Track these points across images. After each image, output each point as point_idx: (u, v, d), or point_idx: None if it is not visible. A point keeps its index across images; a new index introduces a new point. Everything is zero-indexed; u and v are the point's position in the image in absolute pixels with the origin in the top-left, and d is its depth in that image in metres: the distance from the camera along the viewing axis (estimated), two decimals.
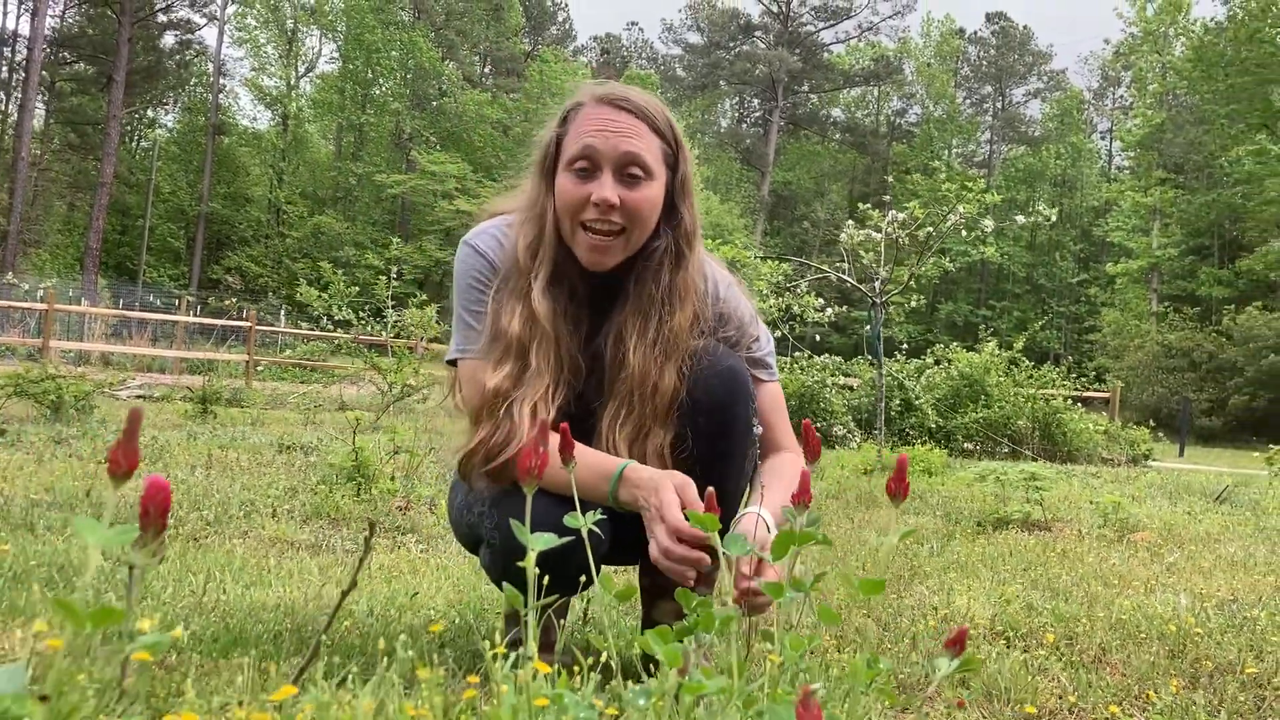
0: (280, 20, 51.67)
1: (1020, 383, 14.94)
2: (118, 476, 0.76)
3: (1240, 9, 36.21)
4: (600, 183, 1.84)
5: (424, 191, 47.52)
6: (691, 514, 1.24)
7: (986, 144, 59.85)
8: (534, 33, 61.29)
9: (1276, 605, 3.25)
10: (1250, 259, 35.50)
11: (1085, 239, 52.61)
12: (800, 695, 0.83)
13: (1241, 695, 2.10)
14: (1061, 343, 48.15)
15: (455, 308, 1.99)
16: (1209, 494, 8.50)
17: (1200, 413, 27.46)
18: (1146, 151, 40.72)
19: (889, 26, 60.31)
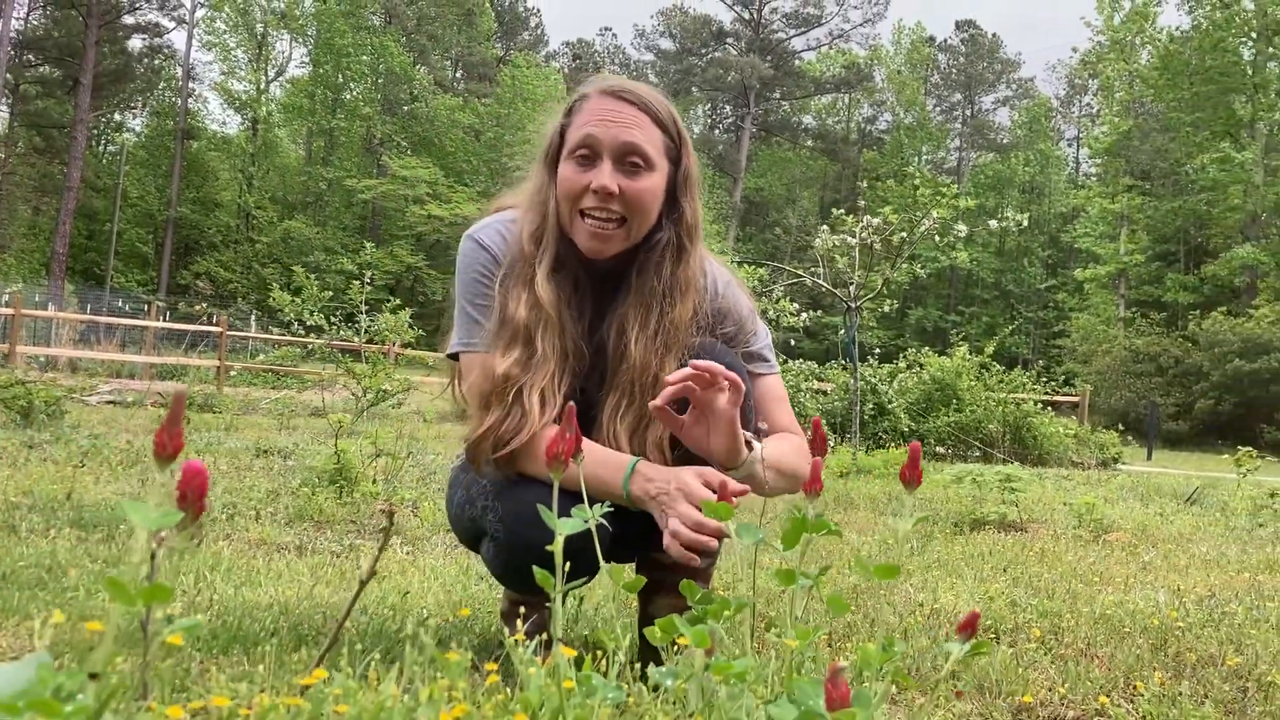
0: (250, 24, 51.39)
1: (991, 387, 15.04)
2: (163, 459, 0.77)
3: (1205, 19, 36.71)
4: (599, 170, 1.86)
5: (395, 197, 47.38)
6: (705, 503, 1.25)
7: (956, 151, 60.33)
8: (506, 38, 61.25)
9: (1253, 601, 3.31)
10: (1215, 265, 35.97)
11: (1053, 245, 53.13)
12: (829, 673, 0.85)
13: (1225, 686, 2.14)
14: (1030, 348, 48.60)
15: (457, 301, 1.99)
16: (1179, 496, 8.61)
17: (1167, 417, 27.76)
18: (1114, 158, 41.19)
19: (859, 34, 60.66)
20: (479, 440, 1.84)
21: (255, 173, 50.36)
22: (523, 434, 1.81)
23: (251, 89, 51.51)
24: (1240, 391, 27.72)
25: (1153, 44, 38.61)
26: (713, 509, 1.22)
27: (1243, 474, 8.17)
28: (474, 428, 1.87)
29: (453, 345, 2.00)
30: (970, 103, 60.37)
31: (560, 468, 1.27)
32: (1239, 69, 36.10)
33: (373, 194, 47.81)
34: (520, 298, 1.91)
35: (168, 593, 0.73)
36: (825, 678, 0.85)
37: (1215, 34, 35.95)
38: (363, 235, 48.61)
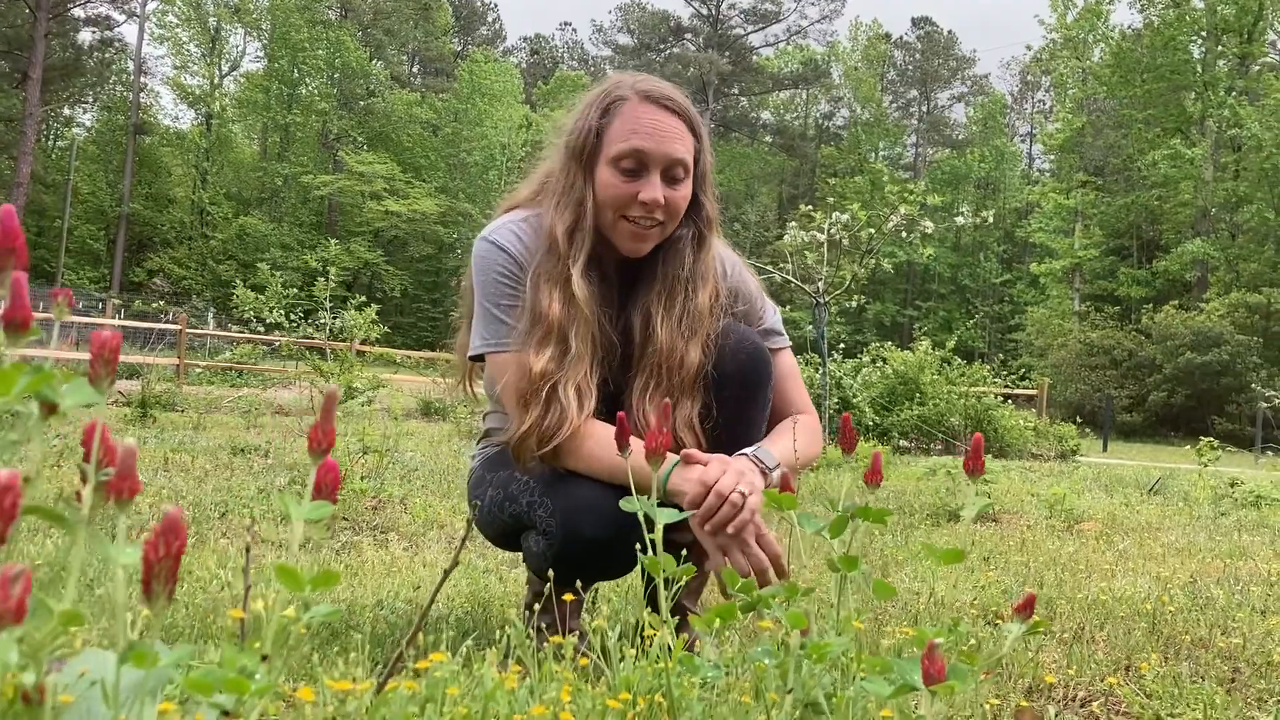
0: (203, 18, 50.72)
1: (953, 381, 15.23)
2: (317, 453, 0.82)
3: (1156, 17, 37.34)
4: (650, 184, 1.93)
5: (352, 192, 47.06)
6: (769, 493, 1.31)
7: (913, 147, 60.92)
8: (463, 33, 61.01)
9: (1232, 586, 3.43)
10: (1166, 259, 36.61)
11: (1008, 240, 53.81)
12: (926, 648, 0.91)
13: (1223, 665, 2.24)
14: (986, 341, 49.19)
15: (478, 303, 2.02)
16: (1141, 486, 8.81)
17: (1121, 409, 28.23)
18: (1068, 154, 41.80)
19: (817, 30, 61.23)
20: (523, 438, 1.89)
21: (209, 168, 49.78)
22: (564, 429, 1.87)
23: (205, 83, 50.86)
24: (1192, 384, 28.24)
25: (1105, 41, 39.19)
26: (775, 499, 1.28)
27: (1204, 464, 8.37)
28: (515, 426, 1.92)
29: (476, 346, 2.03)
30: (926, 99, 60.98)
31: (659, 460, 1.34)
32: (1189, 67, 36.76)
33: (329, 190, 47.45)
34: (553, 295, 1.96)
35: (335, 578, 0.77)
36: (923, 653, 0.91)
37: (1166, 32, 36.57)
38: (319, 231, 48.24)
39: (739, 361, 2.01)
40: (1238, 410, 26.98)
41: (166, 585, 0.61)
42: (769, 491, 1.29)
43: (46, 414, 0.83)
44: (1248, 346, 28.19)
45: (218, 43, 51.31)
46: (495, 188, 49.48)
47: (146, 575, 0.61)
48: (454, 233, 48.74)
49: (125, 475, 0.67)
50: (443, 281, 50.65)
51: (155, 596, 0.61)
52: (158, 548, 0.61)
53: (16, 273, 0.79)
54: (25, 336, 0.78)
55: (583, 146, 2.01)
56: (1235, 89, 35.67)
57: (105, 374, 0.74)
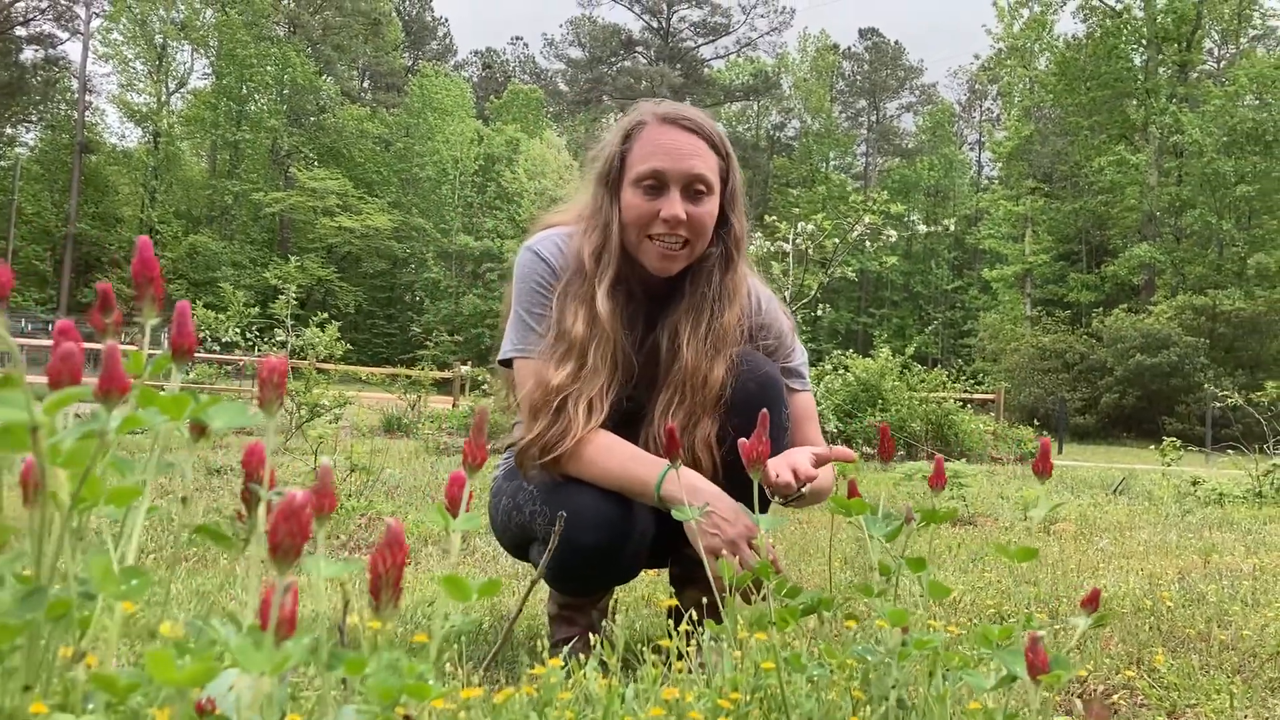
0: (148, 35, 50.07)
1: (913, 387, 15.41)
2: (473, 467, 0.85)
3: (1098, 26, 38.09)
4: (670, 200, 1.98)
5: (304, 209, 46.68)
6: (837, 499, 1.35)
7: (863, 156, 61.54)
8: (414, 47, 60.82)
9: (1218, 581, 3.53)
10: (1115, 264, 37.25)
11: (959, 247, 54.49)
12: (1029, 641, 0.96)
13: (1232, 656, 2.32)
14: (940, 347, 49.75)
15: (514, 309, 2.08)
16: (1105, 487, 8.97)
17: (1075, 411, 28.65)
18: (1016, 162, 42.47)
19: (766, 42, 61.61)
20: (526, 447, 1.94)
21: (158, 187, 49.13)
22: (566, 441, 1.91)
23: (152, 101, 50.20)
24: (1142, 385, 28.75)
25: (1050, 50, 39.92)
26: (843, 504, 1.32)
27: (1167, 463, 8.56)
28: (523, 435, 1.96)
29: (506, 351, 2.08)
30: (875, 109, 61.67)
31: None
32: (1131, 75, 37.51)
33: (281, 207, 47.03)
34: (578, 313, 2.00)
35: (497, 586, 0.81)
36: (1026, 645, 0.96)
37: (1108, 41, 37.30)
38: (271, 249, 47.83)
39: (747, 390, 2.04)
40: (1187, 410, 27.50)
41: (393, 594, 0.65)
42: (837, 497, 1.34)
43: (197, 436, 0.86)
44: (1195, 348, 28.75)
45: (164, 60, 50.65)
46: (449, 202, 49.34)
47: (374, 585, 0.64)
48: (408, 248, 48.53)
49: (324, 492, 0.71)
50: (397, 297, 50.37)
51: (384, 605, 0.64)
52: (384, 559, 0.64)
53: (182, 302, 0.82)
54: (190, 361, 0.81)
55: (608, 172, 2.08)
56: (1176, 96, 36.45)
57: (275, 397, 0.77)
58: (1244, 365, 29.71)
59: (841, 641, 1.19)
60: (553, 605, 2.21)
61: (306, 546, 0.73)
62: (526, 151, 47.01)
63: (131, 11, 48.43)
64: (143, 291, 0.87)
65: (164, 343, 4.87)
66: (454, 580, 0.79)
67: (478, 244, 46.83)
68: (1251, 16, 39.54)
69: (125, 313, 0.88)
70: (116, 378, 0.69)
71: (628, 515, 1.94)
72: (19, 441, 0.60)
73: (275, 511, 0.62)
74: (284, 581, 0.59)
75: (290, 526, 0.62)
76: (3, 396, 0.59)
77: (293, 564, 0.64)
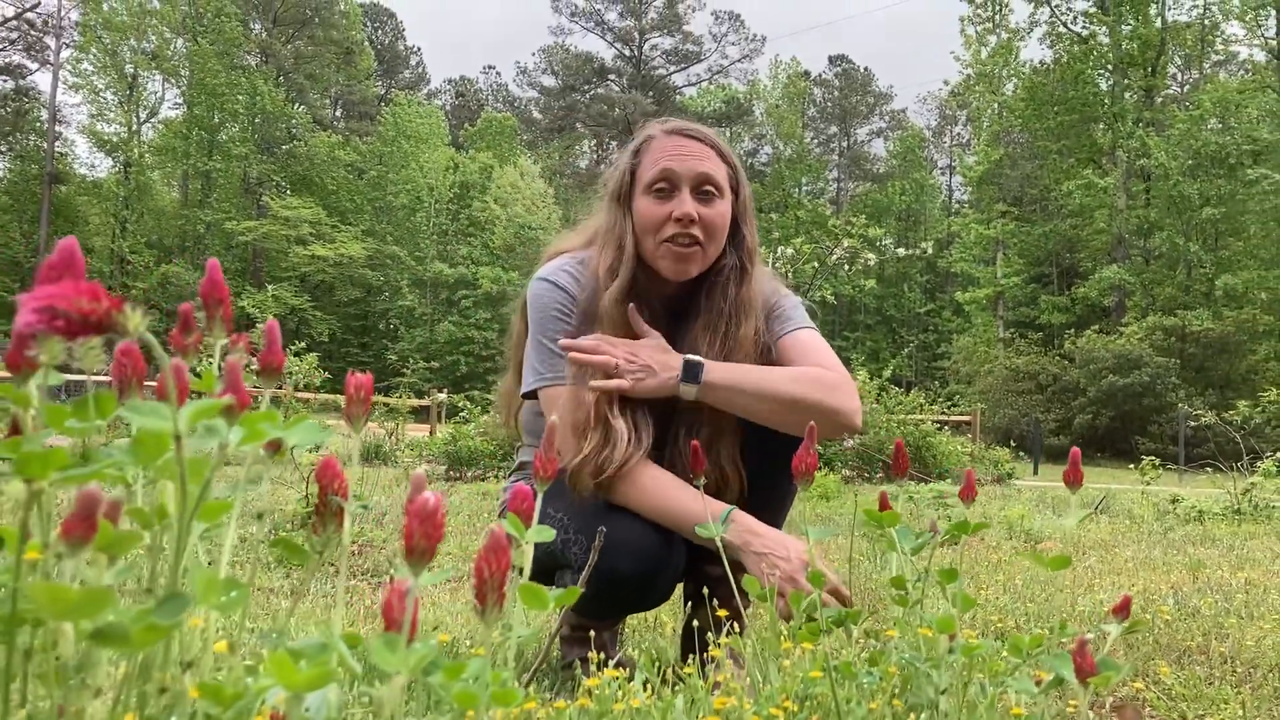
0: (119, 65, 49.87)
1: (891, 410, 15.50)
2: (544, 479, 0.87)
3: (1065, 52, 38.66)
4: (680, 199, 2.01)
5: (277, 237, 46.50)
6: (870, 513, 1.38)
7: (835, 182, 62.00)
8: (386, 75, 60.91)
9: (1210, 595, 3.58)
10: (1085, 286, 37.65)
11: (931, 270, 54.91)
12: (1076, 644, 0.99)
13: (1235, 667, 2.36)
14: (914, 370, 50.03)
15: (533, 338, 2.08)
16: (1085, 506, 9.05)
17: (1049, 432, 28.85)
18: (987, 186, 42.92)
19: (738, 69, 62.05)
20: (579, 468, 1.93)
21: (129, 216, 48.81)
22: (616, 461, 1.92)
23: (122, 131, 49.95)
24: (1115, 405, 29.01)
25: (1018, 76, 40.46)
26: (876, 517, 1.35)
27: (1146, 482, 8.66)
28: (570, 457, 1.96)
29: (530, 382, 2.08)
30: (846, 135, 62.20)
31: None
32: (1098, 99, 38.05)
33: (254, 236, 46.84)
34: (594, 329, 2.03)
35: (574, 594, 0.83)
36: (1073, 649, 0.99)
37: (1075, 66, 37.85)
38: (244, 278, 47.57)
39: None
40: (1160, 430, 27.76)
41: (498, 599, 0.66)
42: (869, 511, 1.36)
43: (274, 452, 0.88)
44: (1166, 368, 29.06)
45: (135, 90, 50.45)
46: (423, 230, 49.31)
47: (480, 590, 0.66)
48: (381, 275, 48.41)
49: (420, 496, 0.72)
50: (371, 325, 50.21)
51: (489, 610, 0.66)
52: (490, 563, 0.66)
53: (271, 321, 0.84)
54: (278, 379, 0.82)
55: (620, 188, 2.11)
56: (1142, 120, 36.99)
57: (361, 414, 0.79)
58: (1214, 385, 30.06)
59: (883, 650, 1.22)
60: (565, 627, 2.22)
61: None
62: (499, 179, 47.09)
63: (102, 42, 48.27)
64: (213, 313, 0.89)
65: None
66: (531, 590, 0.81)
67: (452, 271, 46.78)
68: (1214, 42, 40.25)
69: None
70: (240, 392, 0.70)
71: (667, 544, 1.95)
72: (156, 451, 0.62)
73: (410, 514, 0.64)
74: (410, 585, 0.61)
75: (425, 528, 0.64)
76: (148, 406, 0.61)
77: (427, 565, 0.65)
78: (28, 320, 0.51)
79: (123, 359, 0.92)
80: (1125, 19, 37.32)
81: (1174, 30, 38.65)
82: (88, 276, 2.83)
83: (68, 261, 0.65)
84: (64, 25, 47.82)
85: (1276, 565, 4.76)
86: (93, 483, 0.59)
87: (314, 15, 53.10)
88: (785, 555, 1.83)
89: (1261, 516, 7.76)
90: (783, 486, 2.10)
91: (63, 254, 0.66)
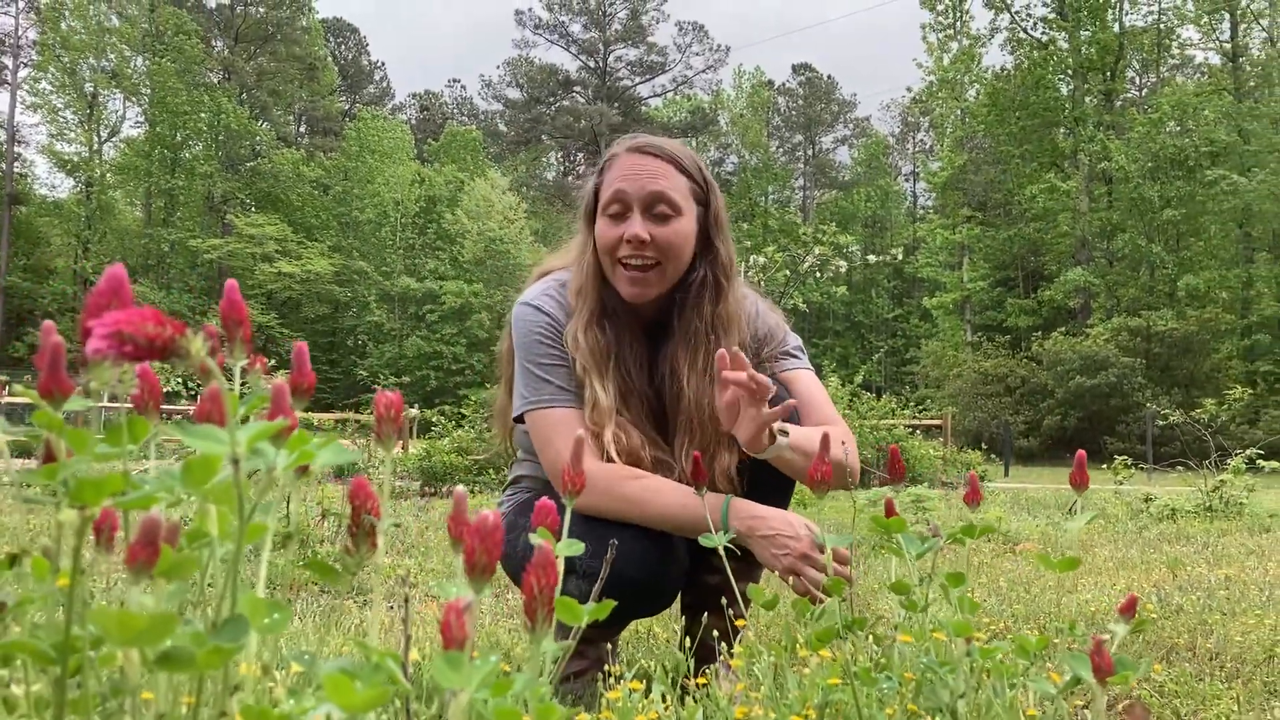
0: (78, 84, 49.37)
1: (864, 415, 15.57)
2: (570, 493, 0.88)
3: (1025, 58, 39.10)
4: (631, 221, 1.99)
5: (242, 255, 46.15)
6: (876, 517, 1.39)
7: (801, 190, 62.31)
8: (351, 91, 60.68)
9: (1191, 592, 3.62)
10: (1051, 289, 38.04)
11: (898, 276, 55.29)
12: (1092, 644, 1.00)
13: (1224, 663, 2.39)
14: (883, 375, 50.32)
15: (520, 364, 2.07)
16: (1059, 507, 9.13)
17: (1018, 434, 29.10)
18: (951, 191, 43.28)
19: (703, 80, 62.26)
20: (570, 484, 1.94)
21: (91, 237, 48.28)
22: (610, 474, 1.92)
23: (83, 150, 49.43)
24: (1083, 406, 29.31)
25: (980, 82, 40.87)
26: (883, 523, 1.36)
27: (1119, 482, 8.74)
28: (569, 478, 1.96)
29: (518, 407, 2.08)
30: (811, 143, 62.52)
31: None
32: (1059, 104, 38.50)
33: (219, 254, 46.46)
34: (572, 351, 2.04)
35: (608, 607, 0.83)
36: (1090, 648, 1.00)
37: (1036, 72, 38.29)
38: (210, 297, 47.15)
39: None
40: (1127, 429, 28.05)
41: (547, 614, 0.67)
42: (875, 516, 1.37)
43: (301, 473, 0.88)
44: (1132, 368, 29.40)
45: (95, 109, 49.96)
46: (389, 244, 49.11)
47: (529, 605, 0.66)
48: (349, 291, 48.16)
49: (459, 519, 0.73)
50: (339, 341, 49.91)
51: (539, 624, 0.66)
52: (538, 579, 0.66)
53: (299, 343, 0.84)
54: (308, 399, 0.82)
55: (587, 207, 2.11)
56: (1103, 124, 37.45)
57: (391, 432, 0.79)
58: (1179, 384, 30.42)
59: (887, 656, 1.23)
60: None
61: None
62: (470, 192, 46.99)
63: (60, 60, 47.75)
64: (232, 333, 0.89)
65: (104, 394, 4.69)
66: (564, 603, 0.81)
67: (420, 285, 46.62)
68: (1170, 46, 40.83)
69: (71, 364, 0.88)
70: (289, 414, 0.70)
71: (669, 550, 1.96)
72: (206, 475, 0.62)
73: (471, 532, 0.64)
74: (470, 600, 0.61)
75: (485, 545, 0.64)
76: (204, 430, 0.61)
77: (487, 581, 0.66)
78: (97, 346, 0.51)
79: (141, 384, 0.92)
80: (1084, 24, 37.81)
81: (1131, 35, 39.20)
82: (49, 298, 2.77)
83: (115, 289, 0.65)
84: (21, 44, 47.36)
85: (1252, 561, 4.82)
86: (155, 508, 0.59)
87: (276, 31, 52.83)
88: (794, 534, 1.83)
89: (1233, 513, 7.85)
90: (784, 483, 2.09)
91: (111, 282, 0.66)
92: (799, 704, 1.09)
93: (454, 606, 0.60)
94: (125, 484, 0.63)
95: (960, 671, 1.12)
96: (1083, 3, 37.61)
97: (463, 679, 0.58)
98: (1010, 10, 39.71)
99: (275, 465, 0.67)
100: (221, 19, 52.19)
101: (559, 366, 2.03)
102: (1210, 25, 38.93)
